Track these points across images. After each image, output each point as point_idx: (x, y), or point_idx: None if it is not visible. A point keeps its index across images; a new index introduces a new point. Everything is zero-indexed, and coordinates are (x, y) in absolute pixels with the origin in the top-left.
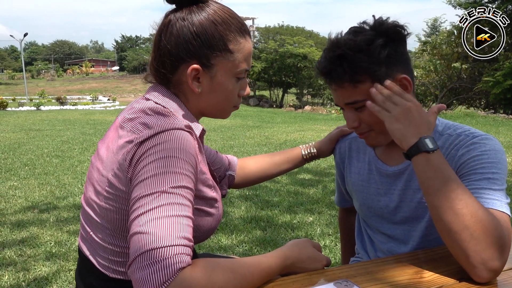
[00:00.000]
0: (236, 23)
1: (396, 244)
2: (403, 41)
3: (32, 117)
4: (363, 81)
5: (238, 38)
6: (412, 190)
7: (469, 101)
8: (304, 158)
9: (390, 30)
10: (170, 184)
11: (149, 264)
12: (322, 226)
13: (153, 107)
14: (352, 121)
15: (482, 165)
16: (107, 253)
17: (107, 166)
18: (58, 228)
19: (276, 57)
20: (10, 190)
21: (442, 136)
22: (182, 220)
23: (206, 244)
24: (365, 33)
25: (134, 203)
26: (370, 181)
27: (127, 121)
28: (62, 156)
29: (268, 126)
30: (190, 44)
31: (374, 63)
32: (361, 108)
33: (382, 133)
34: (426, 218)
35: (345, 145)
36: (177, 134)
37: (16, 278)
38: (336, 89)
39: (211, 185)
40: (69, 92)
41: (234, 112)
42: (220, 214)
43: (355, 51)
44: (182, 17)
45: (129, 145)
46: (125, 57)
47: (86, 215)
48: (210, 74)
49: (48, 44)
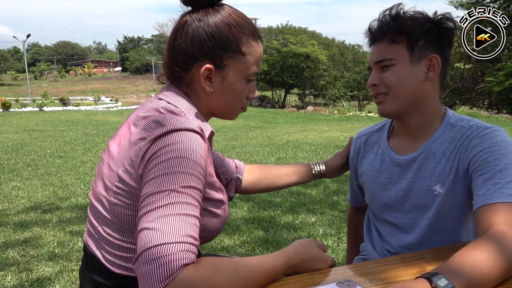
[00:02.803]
0: (250, 27)
1: (403, 233)
2: (448, 32)
3: (35, 118)
4: (399, 41)
5: (251, 41)
6: (422, 178)
7: (472, 101)
8: (313, 173)
9: (441, 17)
10: (180, 183)
11: (154, 259)
12: (324, 227)
13: (166, 106)
14: (374, 79)
15: (494, 156)
16: (113, 248)
17: (118, 162)
18: (60, 229)
19: (277, 58)
20: (13, 190)
21: (455, 127)
22: (190, 219)
23: (209, 244)
24: (420, 11)
25: (144, 200)
26: (381, 171)
27: (140, 119)
28: (65, 156)
29: (270, 126)
30: (205, 44)
31: (416, 29)
32: (386, 68)
33: (396, 99)
34: (434, 206)
35: (360, 140)
36: (189, 135)
37: (19, 278)
38: (376, 45)
39: (218, 188)
40: (71, 93)
41: None
42: (226, 216)
43: (405, 15)
44: (198, 18)
45: (142, 142)
46: (128, 58)
47: (94, 210)
48: (222, 74)
49: (51, 45)
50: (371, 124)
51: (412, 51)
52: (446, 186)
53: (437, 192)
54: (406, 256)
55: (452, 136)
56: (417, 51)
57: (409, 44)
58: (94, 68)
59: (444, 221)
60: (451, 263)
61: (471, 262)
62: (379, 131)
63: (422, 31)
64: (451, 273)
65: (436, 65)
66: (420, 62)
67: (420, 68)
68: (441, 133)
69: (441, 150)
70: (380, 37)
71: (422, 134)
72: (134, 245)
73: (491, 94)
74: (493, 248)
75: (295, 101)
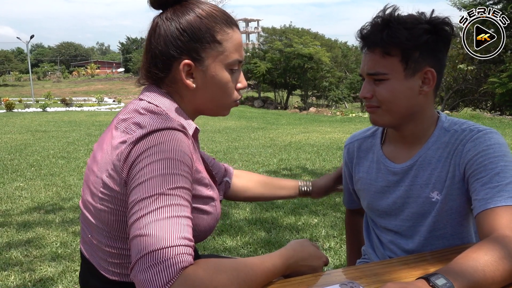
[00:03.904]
0: (221, 15)
1: (404, 240)
2: (446, 39)
3: (38, 118)
4: (393, 54)
5: (225, 28)
6: (419, 186)
7: (475, 103)
8: (299, 191)
9: (438, 23)
10: (167, 185)
11: (151, 266)
12: (327, 228)
13: (146, 106)
14: (366, 91)
15: (489, 159)
16: (105, 256)
17: (101, 167)
18: (63, 229)
19: (281, 58)
20: (17, 191)
21: (448, 132)
22: (182, 220)
23: (211, 245)
24: (416, 17)
25: (133, 206)
26: (378, 179)
27: (120, 122)
28: (68, 157)
29: (273, 127)
30: (179, 40)
31: (411, 42)
32: (380, 81)
33: (388, 113)
34: (433, 213)
35: (353, 146)
36: (171, 134)
37: (22, 278)
38: (367, 53)
39: (207, 184)
40: (74, 94)
41: (238, 113)
42: (218, 213)
43: (400, 23)
44: (167, 17)
45: (123, 145)
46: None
47: (84, 218)
48: (202, 67)
49: (54, 46)
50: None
51: (406, 65)
52: (443, 192)
53: (434, 199)
54: (409, 258)
55: (446, 141)
56: (411, 64)
57: (403, 57)
58: (97, 69)
59: (445, 227)
60: (452, 265)
61: (474, 264)
62: (371, 137)
63: (418, 44)
64: (450, 273)
65: (431, 79)
66: (415, 76)
67: (414, 81)
68: (436, 138)
69: (436, 156)
70: (372, 46)
71: (417, 141)
72: (125, 251)
73: (494, 95)
74: (497, 251)
75: (297, 102)
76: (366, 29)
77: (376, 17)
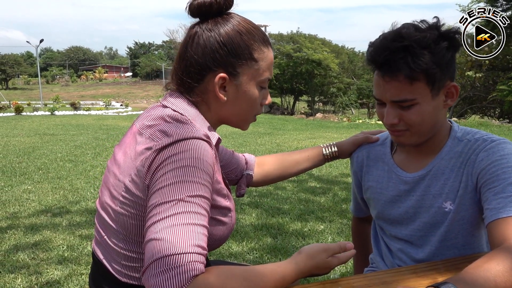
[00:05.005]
0: (260, 33)
1: (413, 249)
2: (458, 49)
3: (46, 121)
4: (419, 79)
5: (262, 47)
6: (431, 196)
7: (483, 110)
8: (325, 157)
9: (453, 35)
10: (187, 193)
11: (163, 271)
12: (333, 235)
13: (172, 115)
14: (392, 117)
15: (502, 169)
16: (120, 258)
17: (124, 172)
18: (70, 232)
19: (290, 63)
20: (24, 193)
21: (461, 142)
22: (197, 228)
23: (217, 250)
24: (430, 32)
25: (151, 210)
26: (389, 188)
27: (146, 128)
28: (75, 160)
29: (279, 133)
30: (217, 53)
31: (435, 64)
32: (408, 107)
33: (417, 134)
34: (445, 223)
35: (362, 154)
36: (196, 143)
37: (29, 281)
38: (389, 81)
39: (225, 195)
40: (82, 98)
41: None
42: (233, 223)
43: (421, 47)
44: (208, 28)
45: (148, 151)
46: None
47: (100, 219)
48: (236, 82)
49: (63, 50)
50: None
51: (432, 86)
52: (456, 202)
53: (447, 209)
54: (419, 267)
55: (460, 150)
56: (436, 84)
57: (429, 80)
58: (105, 73)
59: (456, 237)
60: (463, 274)
61: (485, 274)
62: (380, 146)
63: (442, 61)
64: (461, 283)
65: (454, 92)
66: (440, 93)
67: (440, 98)
68: (449, 148)
69: (449, 166)
70: (395, 73)
71: (430, 151)
72: (141, 255)
73: (503, 103)
74: (509, 261)
75: (304, 108)
76: (383, 56)
77: (390, 40)
